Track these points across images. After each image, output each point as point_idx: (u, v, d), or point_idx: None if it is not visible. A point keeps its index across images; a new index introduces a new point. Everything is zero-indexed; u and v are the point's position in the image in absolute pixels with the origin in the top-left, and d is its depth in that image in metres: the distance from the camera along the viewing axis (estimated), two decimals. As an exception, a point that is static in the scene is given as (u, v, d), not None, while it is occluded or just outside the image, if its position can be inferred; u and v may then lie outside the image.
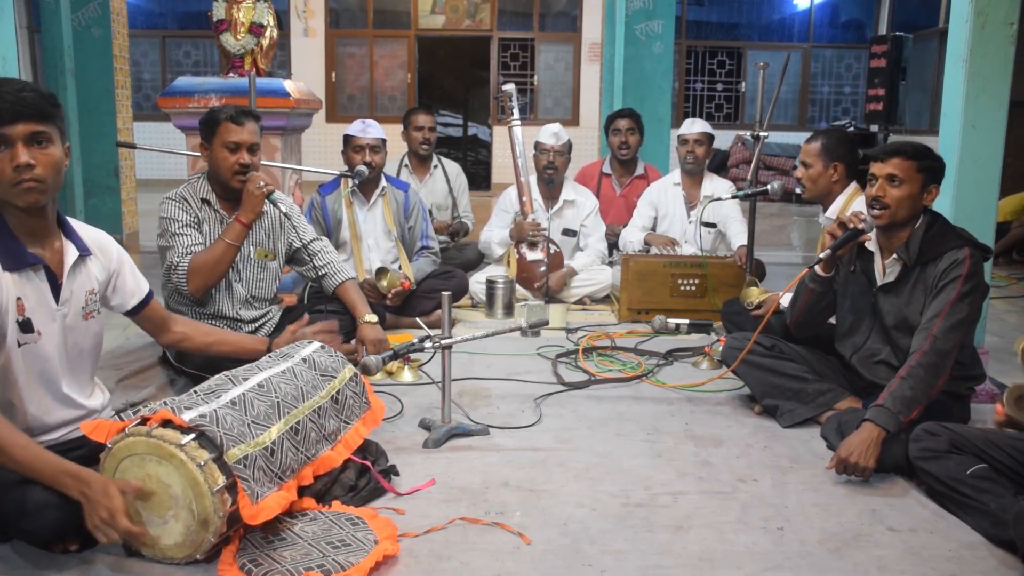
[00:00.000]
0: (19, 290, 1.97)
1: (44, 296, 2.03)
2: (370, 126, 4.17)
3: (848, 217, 2.73)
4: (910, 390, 2.46)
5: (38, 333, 2.01)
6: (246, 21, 4.90)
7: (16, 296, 1.96)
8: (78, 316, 2.12)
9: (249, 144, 3.08)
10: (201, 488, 1.83)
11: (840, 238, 2.71)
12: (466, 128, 14.47)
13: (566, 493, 2.37)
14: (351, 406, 2.39)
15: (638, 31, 6.26)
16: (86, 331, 2.15)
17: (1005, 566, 2.01)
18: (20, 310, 1.97)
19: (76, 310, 2.11)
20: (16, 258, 1.96)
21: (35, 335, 2.01)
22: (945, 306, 2.52)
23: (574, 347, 3.81)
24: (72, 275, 2.09)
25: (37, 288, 2.01)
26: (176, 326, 2.51)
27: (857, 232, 2.69)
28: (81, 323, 2.13)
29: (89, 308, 2.15)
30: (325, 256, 3.39)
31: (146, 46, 12.22)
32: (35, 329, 2.00)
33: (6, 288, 1.94)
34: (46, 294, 2.03)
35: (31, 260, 1.99)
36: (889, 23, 11.85)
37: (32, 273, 2.00)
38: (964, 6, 3.22)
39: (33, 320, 2.00)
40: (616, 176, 5.30)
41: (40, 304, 2.02)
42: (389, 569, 1.95)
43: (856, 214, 2.73)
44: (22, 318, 1.98)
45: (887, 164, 2.62)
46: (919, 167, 2.61)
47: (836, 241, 2.72)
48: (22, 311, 1.97)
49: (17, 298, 1.96)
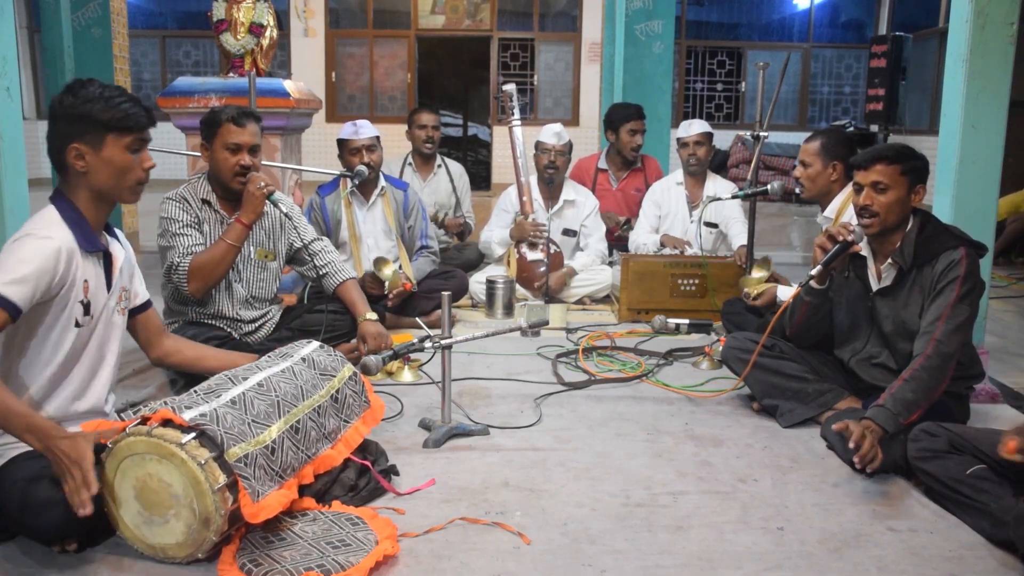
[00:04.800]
0: (86, 273, 2.08)
1: (101, 283, 2.14)
2: (361, 126, 4.17)
3: (837, 229, 2.72)
4: (911, 392, 2.46)
5: (92, 317, 2.12)
6: (246, 21, 4.91)
7: (84, 278, 2.07)
8: (115, 309, 2.22)
9: (250, 145, 3.08)
10: (202, 487, 1.83)
11: (831, 252, 2.71)
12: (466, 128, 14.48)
13: (566, 493, 2.37)
14: (351, 405, 2.39)
15: (638, 31, 6.26)
16: (120, 326, 2.25)
17: (1005, 566, 2.01)
18: (85, 291, 2.07)
19: (114, 303, 2.21)
20: (91, 242, 2.09)
21: (90, 319, 2.11)
22: (946, 309, 2.51)
23: (574, 347, 3.81)
24: (121, 269, 2.22)
25: (98, 274, 2.14)
26: (167, 340, 2.54)
27: (847, 244, 2.70)
28: (118, 317, 2.24)
29: (123, 304, 2.26)
30: (325, 256, 3.39)
31: (146, 46, 12.22)
32: (91, 313, 2.11)
33: (79, 267, 2.04)
34: (103, 281, 2.15)
35: (100, 246, 2.12)
36: (889, 23, 11.86)
37: (96, 260, 2.13)
38: (964, 6, 3.22)
39: (92, 304, 2.11)
40: (613, 171, 5.29)
41: (98, 290, 2.13)
42: (389, 569, 1.95)
43: (844, 225, 2.73)
44: (86, 300, 2.08)
45: (871, 172, 2.60)
46: (903, 170, 2.59)
47: (827, 255, 2.72)
48: (87, 292, 2.08)
49: (84, 280, 2.07)
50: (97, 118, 2.02)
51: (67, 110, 2.02)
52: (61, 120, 2.03)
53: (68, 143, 2.03)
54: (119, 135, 2.04)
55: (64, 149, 2.03)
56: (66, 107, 2.02)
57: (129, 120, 2.05)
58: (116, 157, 2.05)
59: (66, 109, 2.02)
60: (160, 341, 2.51)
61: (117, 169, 2.06)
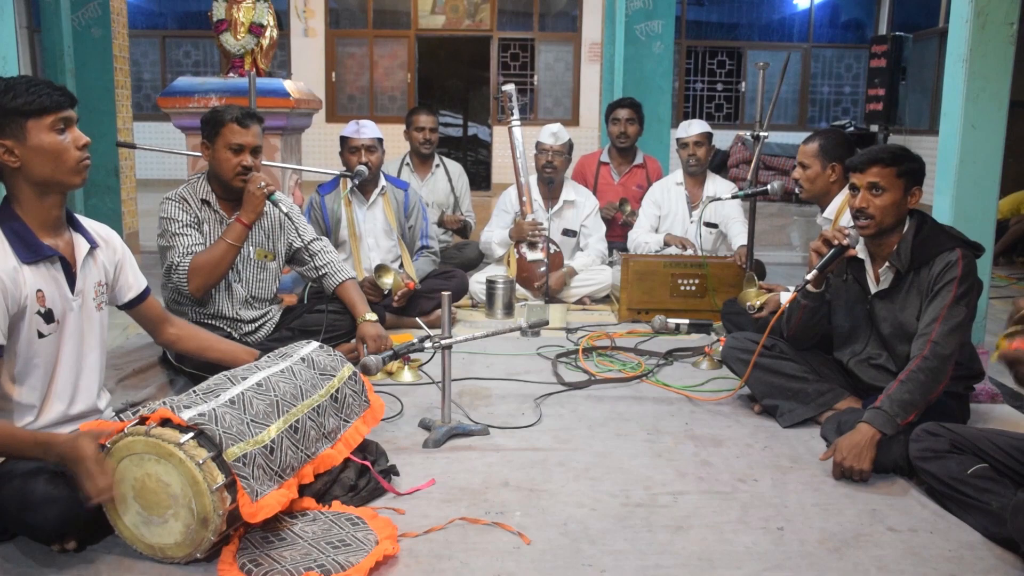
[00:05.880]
0: (37, 282, 2.04)
1: (61, 286, 2.10)
2: (364, 126, 4.17)
3: (832, 234, 2.73)
4: (908, 394, 2.46)
5: (58, 323, 2.08)
6: (246, 21, 4.90)
7: (36, 288, 2.03)
8: (91, 307, 2.19)
9: (252, 147, 3.08)
10: (200, 487, 1.83)
11: (826, 256, 2.72)
12: (466, 128, 14.47)
13: (566, 493, 2.37)
14: (350, 404, 2.39)
15: (638, 31, 6.26)
16: (98, 322, 2.22)
17: (1005, 565, 2.01)
18: (40, 301, 2.04)
19: (88, 301, 2.18)
20: (33, 251, 2.03)
21: (56, 325, 2.08)
22: (942, 310, 2.52)
23: (574, 347, 3.81)
24: (84, 266, 2.17)
25: (54, 279, 2.08)
26: (171, 327, 2.54)
27: (842, 248, 2.70)
28: (94, 313, 2.20)
29: (99, 300, 2.22)
30: (325, 256, 3.39)
31: (146, 46, 12.22)
32: (56, 319, 2.07)
33: (25, 282, 2.00)
34: (62, 284, 2.10)
35: (47, 252, 2.06)
36: (889, 23, 11.86)
37: (48, 265, 2.07)
38: (964, 6, 3.22)
39: (54, 310, 2.07)
40: (614, 165, 5.32)
41: (58, 295, 2.09)
42: (389, 569, 1.95)
43: (840, 229, 2.74)
44: (44, 309, 2.04)
45: (867, 174, 2.60)
46: (899, 172, 2.59)
47: (822, 260, 2.72)
48: (43, 302, 2.04)
49: (37, 290, 2.03)
50: (9, 108, 1.97)
51: None
52: None
53: None
54: (37, 118, 1.99)
55: None
56: None
57: (42, 101, 1.99)
58: (44, 141, 2.00)
59: None
60: (164, 328, 2.52)
61: (49, 153, 2.00)
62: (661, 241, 4.70)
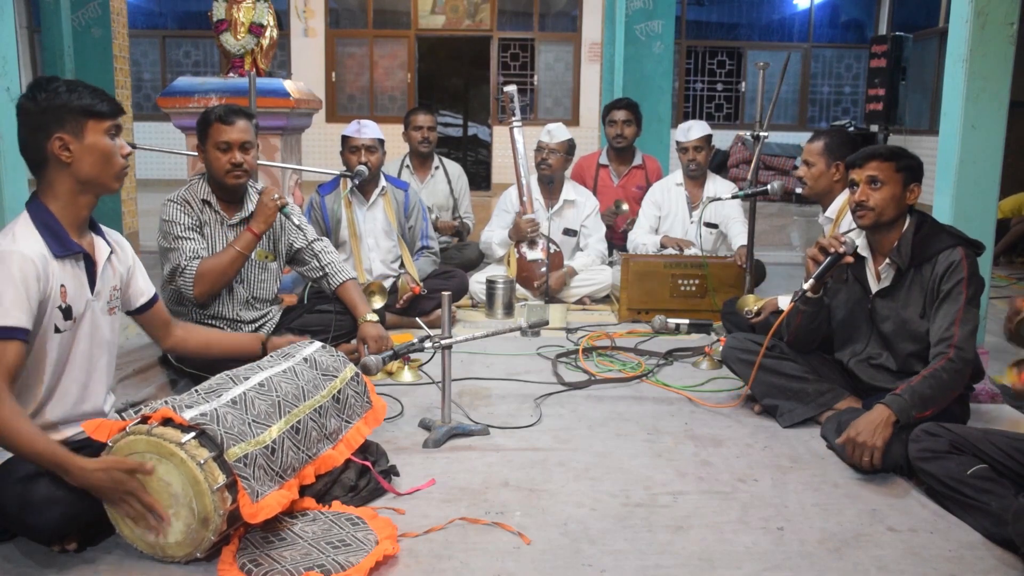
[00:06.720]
0: (63, 277, 2.07)
1: (82, 285, 2.13)
2: (365, 126, 4.17)
3: (829, 241, 2.74)
4: (930, 389, 2.47)
5: (75, 321, 2.10)
6: (246, 21, 4.91)
7: (60, 283, 2.05)
8: (104, 309, 2.20)
9: (240, 143, 3.08)
10: (201, 486, 1.83)
11: (823, 264, 2.72)
12: (466, 128, 14.47)
13: (566, 493, 2.37)
14: (352, 405, 2.39)
15: (638, 31, 6.26)
16: (109, 326, 2.23)
17: (1005, 565, 2.01)
18: (63, 296, 2.06)
19: (103, 303, 2.20)
20: (64, 245, 2.07)
21: (72, 323, 2.10)
22: (958, 313, 2.53)
23: (574, 347, 3.81)
24: (104, 268, 2.20)
25: (77, 276, 2.11)
26: (177, 329, 2.57)
27: (839, 256, 2.71)
28: (106, 317, 2.21)
29: (112, 304, 2.24)
30: (326, 256, 3.39)
31: (146, 46, 12.22)
32: (73, 317, 2.09)
33: (53, 273, 2.03)
34: (84, 283, 2.13)
35: (75, 248, 2.10)
36: (889, 23, 11.85)
37: (74, 262, 2.11)
38: (964, 6, 3.22)
39: (73, 308, 2.09)
40: (613, 166, 5.31)
41: (78, 293, 2.11)
42: (389, 569, 1.95)
43: (836, 236, 2.75)
44: (64, 304, 2.07)
45: (866, 168, 2.64)
46: (898, 167, 2.62)
47: (819, 268, 2.73)
48: (64, 298, 2.07)
49: (61, 285, 2.06)
50: (75, 106, 2.04)
51: (42, 104, 2.03)
52: (37, 115, 2.04)
53: (51, 134, 2.03)
54: (98, 121, 2.07)
55: (46, 142, 2.03)
56: (40, 102, 2.03)
57: (104, 106, 2.09)
58: (99, 142, 2.07)
59: (40, 104, 2.03)
60: (170, 332, 2.54)
61: (102, 155, 2.08)
62: (658, 243, 4.70)
